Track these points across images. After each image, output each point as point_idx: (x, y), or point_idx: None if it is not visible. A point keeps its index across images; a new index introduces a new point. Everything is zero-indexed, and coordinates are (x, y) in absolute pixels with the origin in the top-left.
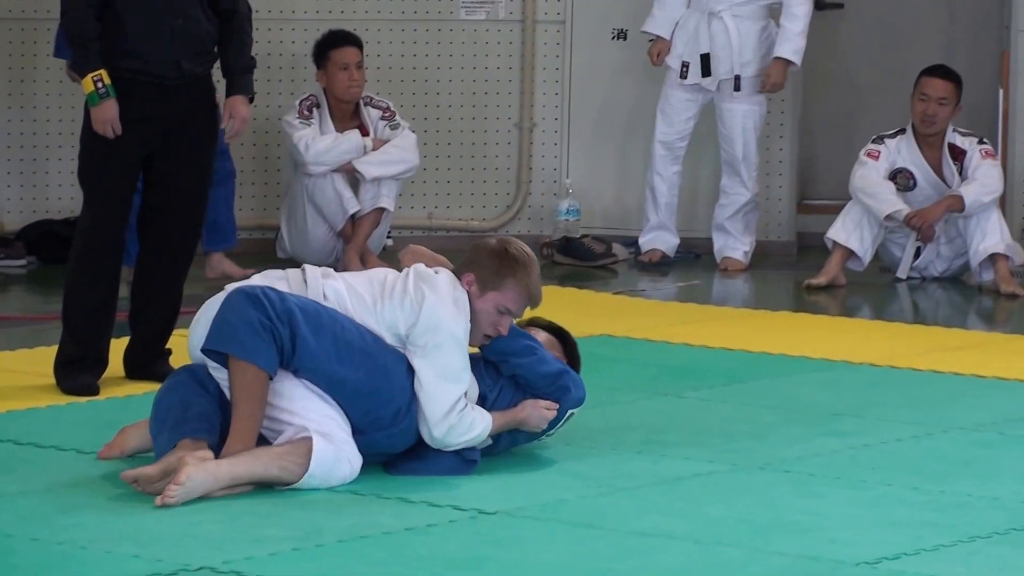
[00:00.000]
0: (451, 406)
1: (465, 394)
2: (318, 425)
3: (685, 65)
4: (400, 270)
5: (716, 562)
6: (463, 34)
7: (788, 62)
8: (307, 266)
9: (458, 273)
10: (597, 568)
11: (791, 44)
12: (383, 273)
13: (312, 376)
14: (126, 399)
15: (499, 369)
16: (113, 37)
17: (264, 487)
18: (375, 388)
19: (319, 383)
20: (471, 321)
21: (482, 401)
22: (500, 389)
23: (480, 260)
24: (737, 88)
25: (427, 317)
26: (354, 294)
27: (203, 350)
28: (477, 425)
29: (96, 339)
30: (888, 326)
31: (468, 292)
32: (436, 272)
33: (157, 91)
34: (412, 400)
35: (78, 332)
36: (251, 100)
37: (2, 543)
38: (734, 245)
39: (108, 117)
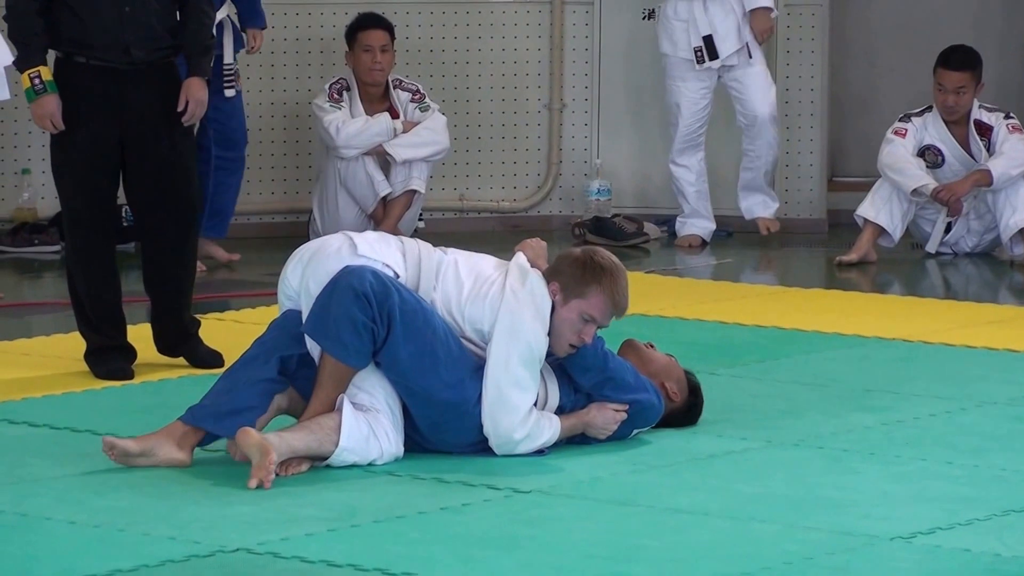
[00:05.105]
0: (524, 416)
1: (535, 403)
2: (359, 399)
3: (698, 51)
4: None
5: (750, 538)
6: (492, 16)
7: (768, 9)
8: (422, 244)
9: (546, 280)
10: (631, 545)
11: None
12: (487, 265)
13: (387, 374)
14: (160, 383)
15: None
16: (63, 26)
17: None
18: (447, 401)
19: (392, 382)
20: (555, 330)
21: (559, 411)
22: (575, 401)
23: (565, 268)
24: (751, 55)
25: (504, 320)
26: (457, 280)
27: (303, 330)
28: (545, 432)
29: (115, 331)
30: (920, 302)
31: (553, 301)
32: (527, 276)
33: (112, 78)
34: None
35: (96, 325)
36: (208, 82)
37: (40, 526)
38: (767, 203)
39: (46, 112)
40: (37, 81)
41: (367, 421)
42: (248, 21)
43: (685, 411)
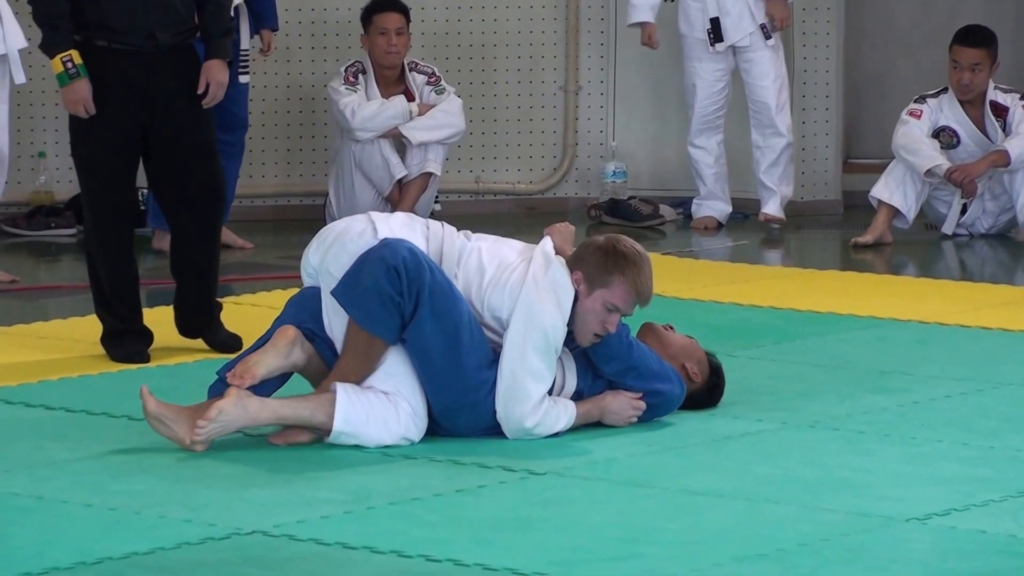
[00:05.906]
0: (535, 405)
1: (550, 391)
2: (382, 384)
3: (710, 33)
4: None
5: (766, 519)
6: None
7: None
8: (447, 228)
9: (569, 269)
10: (647, 527)
11: None
12: (511, 252)
13: (410, 351)
14: (177, 366)
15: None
16: (86, 11)
17: (312, 444)
18: (462, 387)
19: (414, 363)
20: (579, 320)
21: (577, 396)
22: (593, 386)
23: (588, 257)
24: (768, 36)
25: (522, 307)
26: (479, 267)
27: (332, 293)
28: (560, 419)
29: (132, 314)
30: (935, 283)
31: (577, 291)
32: (550, 265)
33: (135, 62)
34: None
35: (114, 308)
36: (229, 64)
37: (56, 509)
38: (771, 196)
39: (79, 97)
40: (70, 65)
41: (365, 406)
42: (262, 22)
43: (707, 392)
